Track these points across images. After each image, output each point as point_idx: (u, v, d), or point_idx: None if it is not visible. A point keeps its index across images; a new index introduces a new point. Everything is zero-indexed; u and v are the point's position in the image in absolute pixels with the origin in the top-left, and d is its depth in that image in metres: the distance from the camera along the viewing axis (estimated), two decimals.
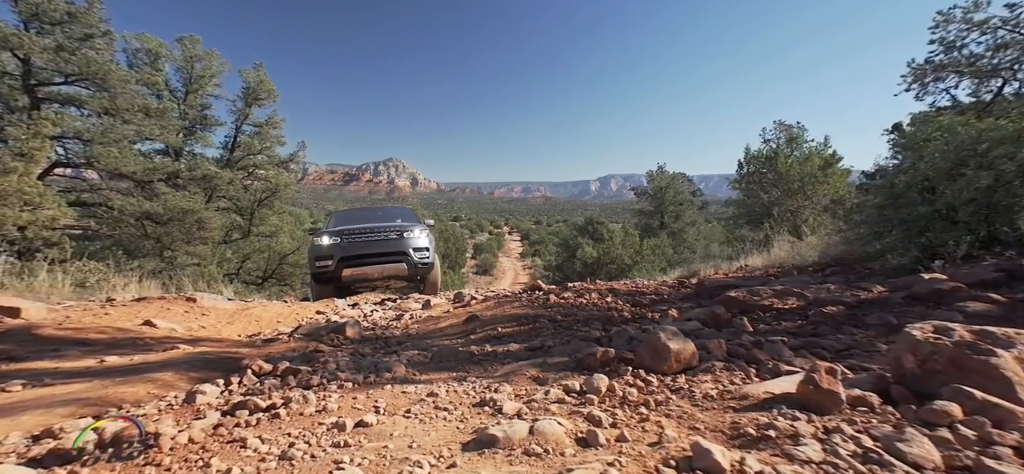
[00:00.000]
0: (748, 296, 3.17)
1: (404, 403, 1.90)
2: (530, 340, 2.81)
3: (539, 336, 2.91)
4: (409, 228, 8.24)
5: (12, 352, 3.09)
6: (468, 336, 3.22)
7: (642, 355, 2.18)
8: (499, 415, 1.72)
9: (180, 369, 2.56)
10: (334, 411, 1.83)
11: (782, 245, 6.31)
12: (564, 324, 3.16)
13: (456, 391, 1.98)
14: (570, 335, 2.82)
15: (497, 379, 2.11)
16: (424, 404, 1.86)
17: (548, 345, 2.62)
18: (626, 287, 5.05)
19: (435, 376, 2.25)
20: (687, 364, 2.14)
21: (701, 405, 1.73)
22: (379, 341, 3.56)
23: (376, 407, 1.85)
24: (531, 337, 2.90)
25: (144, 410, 1.91)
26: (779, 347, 2.25)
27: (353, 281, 8.17)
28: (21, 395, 2.18)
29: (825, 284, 3.42)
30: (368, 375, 2.29)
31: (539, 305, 3.92)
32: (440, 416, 1.75)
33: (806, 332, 2.57)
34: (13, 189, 7.13)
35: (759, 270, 5.38)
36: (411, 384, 2.12)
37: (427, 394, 1.97)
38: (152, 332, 4.31)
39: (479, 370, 2.33)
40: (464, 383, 2.08)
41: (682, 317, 2.92)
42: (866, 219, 4.49)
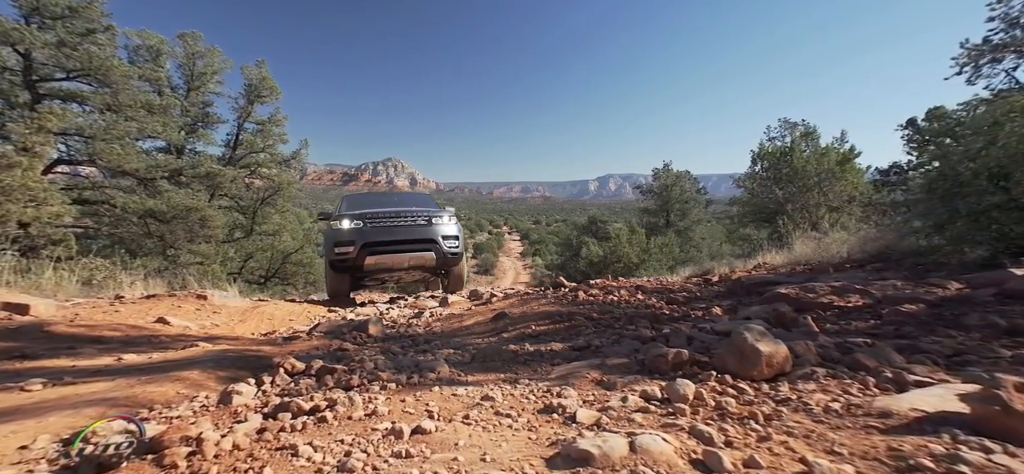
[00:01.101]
0: (801, 293, 2.95)
1: (458, 407, 1.74)
2: (571, 339, 2.66)
3: (580, 334, 2.76)
4: (438, 214, 7.47)
5: (26, 350, 2.95)
6: (500, 334, 3.08)
7: (724, 358, 1.96)
8: (574, 424, 1.55)
9: (206, 368, 2.42)
10: (385, 415, 1.67)
11: (807, 241, 6.11)
12: (603, 322, 3.01)
13: (512, 395, 1.82)
14: (616, 334, 2.66)
15: (553, 382, 1.93)
16: (481, 409, 1.70)
17: (594, 344, 2.46)
18: (652, 284, 4.90)
19: (482, 377, 2.09)
20: (780, 369, 1.91)
21: (827, 422, 1.50)
22: (406, 339, 3.41)
23: (429, 411, 1.70)
24: (571, 335, 2.75)
25: (178, 412, 1.76)
26: (886, 352, 2.01)
27: (375, 271, 7.43)
28: (43, 394, 2.04)
29: (887, 281, 3.22)
30: (411, 375, 2.13)
31: (568, 302, 3.77)
32: (504, 423, 1.58)
33: (889, 334, 2.35)
34: (17, 184, 6.98)
35: (784, 267, 5.23)
36: (459, 386, 1.96)
37: (481, 397, 1.81)
38: (166, 329, 4.18)
39: (528, 371, 2.16)
40: (518, 386, 1.91)
41: (739, 315, 2.72)
42: (923, 211, 4.24)
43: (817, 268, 4.31)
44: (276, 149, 21.07)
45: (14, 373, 2.50)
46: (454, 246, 7.22)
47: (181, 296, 6.06)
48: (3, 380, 2.33)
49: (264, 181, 20.58)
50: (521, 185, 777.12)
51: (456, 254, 7.26)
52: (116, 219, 13.94)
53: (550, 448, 1.42)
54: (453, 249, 7.21)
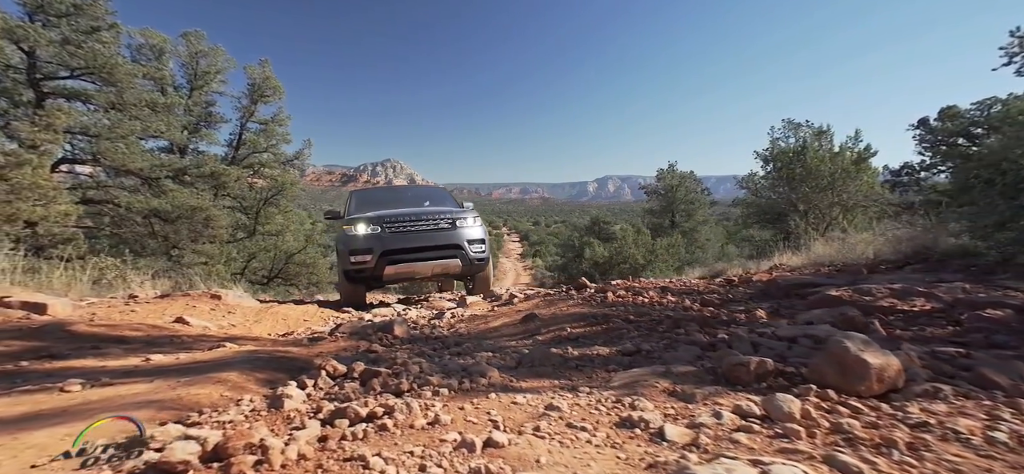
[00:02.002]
0: (856, 296, 2.80)
1: (522, 417, 1.63)
2: (615, 342, 2.57)
3: (622, 338, 2.67)
4: (461, 216, 6.87)
5: (52, 349, 2.88)
6: (534, 337, 3.00)
7: (820, 370, 1.75)
8: (665, 443, 1.41)
9: (243, 369, 2.35)
10: (449, 425, 1.57)
11: (829, 242, 6.02)
12: (642, 324, 2.93)
13: (579, 404, 1.70)
14: (664, 338, 2.55)
15: (618, 391, 1.80)
16: (549, 420, 1.58)
17: (644, 349, 2.35)
18: (676, 285, 4.84)
19: (535, 383, 1.98)
20: (891, 385, 1.69)
21: (1002, 458, 1.26)
22: (434, 341, 3.34)
23: (493, 421, 1.59)
24: (613, 339, 2.66)
25: (229, 416, 1.69)
26: (1017, 367, 1.79)
27: (396, 280, 6.93)
28: (85, 395, 1.97)
29: (948, 283, 3.09)
30: (461, 380, 2.03)
31: (597, 304, 3.69)
32: (581, 438, 1.47)
33: (980, 342, 2.16)
34: (27, 182, 6.90)
35: (806, 268, 5.17)
36: (515, 393, 1.86)
37: (545, 407, 1.69)
38: (187, 330, 4.11)
39: (583, 378, 2.04)
40: (580, 394, 1.80)
41: (796, 320, 2.59)
42: (984, 209, 4.10)
43: (845, 270, 4.24)
44: (279, 149, 20.99)
45: (46, 373, 2.44)
46: (481, 251, 6.73)
47: (195, 296, 5.99)
48: (39, 380, 2.27)
49: (267, 181, 20.51)
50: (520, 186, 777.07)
51: (483, 259, 6.77)
52: (120, 219, 13.86)
53: (648, 471, 1.30)
54: (479, 254, 6.71)
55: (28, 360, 2.69)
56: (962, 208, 4.62)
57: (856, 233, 6.05)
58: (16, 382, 2.26)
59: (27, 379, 2.32)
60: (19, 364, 2.62)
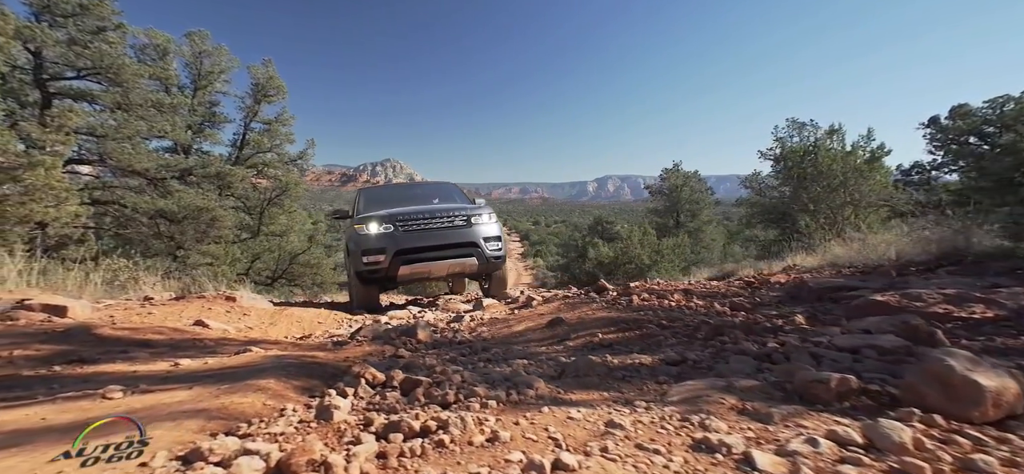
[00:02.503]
0: (904, 301, 2.67)
1: (583, 435, 1.54)
2: (654, 350, 2.50)
3: (661, 346, 2.60)
4: (477, 212, 6.68)
5: (82, 354, 2.87)
6: (564, 342, 2.97)
7: (919, 391, 1.57)
8: (756, 473, 1.30)
9: (279, 376, 2.34)
10: (508, 442, 1.51)
11: (849, 242, 5.98)
12: (677, 331, 2.86)
13: (641, 422, 1.61)
14: (709, 346, 2.46)
15: (679, 407, 1.70)
16: (614, 439, 1.48)
17: (690, 358, 2.27)
18: (699, 287, 4.82)
19: (584, 396, 1.90)
20: (1010, 410, 1.49)
21: None
22: (460, 346, 3.33)
23: (553, 439, 1.52)
24: (651, 346, 2.60)
25: (279, 427, 1.67)
26: None
27: (410, 281, 6.76)
28: (129, 403, 1.96)
29: (1005, 288, 2.82)
30: (508, 391, 1.96)
31: (624, 308, 3.66)
32: (656, 462, 1.36)
33: None
34: (41, 183, 6.89)
35: (826, 269, 5.16)
36: (568, 406, 1.77)
37: (604, 424, 1.60)
38: (207, 333, 4.10)
39: (634, 390, 1.95)
40: (636, 409, 1.71)
41: (851, 328, 2.46)
42: None
43: (872, 271, 4.21)
44: (283, 149, 20.99)
45: (82, 378, 2.43)
46: (497, 249, 6.53)
47: (210, 297, 5.99)
48: (77, 386, 2.26)
49: (270, 181, 20.51)
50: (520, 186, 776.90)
51: (499, 258, 6.60)
52: (125, 219, 13.85)
53: None
54: (496, 252, 6.52)
55: (60, 364, 2.68)
56: (1001, 208, 4.57)
57: (875, 233, 5.94)
58: (54, 387, 2.25)
59: (64, 385, 2.31)
60: (52, 368, 2.61)
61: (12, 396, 2.10)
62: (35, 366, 2.63)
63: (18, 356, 2.75)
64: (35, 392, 2.18)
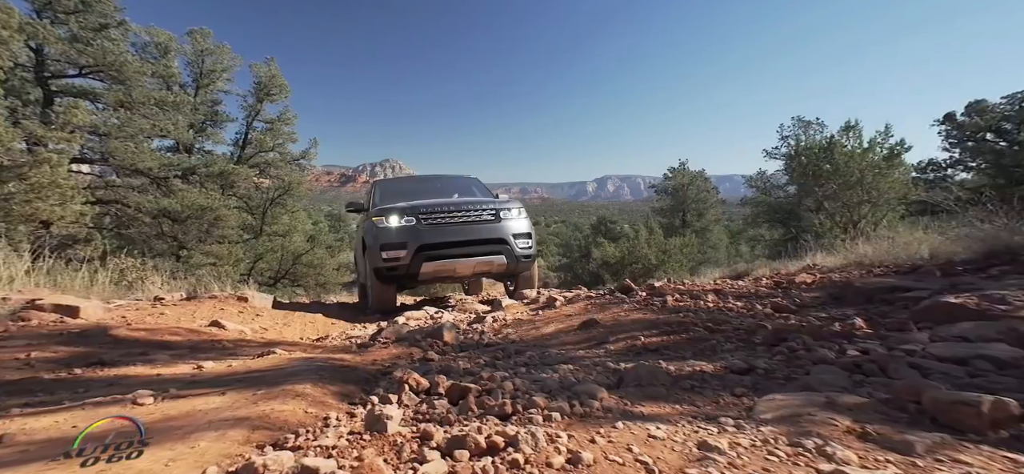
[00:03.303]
0: (987, 304, 2.44)
1: (676, 460, 1.33)
2: (711, 357, 2.33)
3: (716, 351, 2.44)
4: (506, 207, 6.16)
5: (102, 356, 2.76)
6: (603, 346, 2.82)
7: None
8: None
9: (313, 381, 2.22)
10: (592, 465, 1.33)
11: (878, 240, 5.81)
12: (731, 334, 2.70)
13: (740, 444, 1.38)
14: (777, 354, 2.22)
15: (780, 427, 1.45)
16: (715, 466, 1.27)
17: (760, 367, 2.06)
18: (728, 287, 4.68)
19: (657, 409, 1.71)
20: None
21: None
22: (491, 349, 3.19)
23: (642, 463, 1.32)
24: (704, 352, 2.45)
25: (328, 439, 1.54)
26: None
27: (433, 279, 6.27)
28: (163, 410, 1.85)
29: None
30: (571, 402, 1.77)
31: (659, 309, 3.51)
32: None
33: None
34: (47, 181, 6.76)
35: (852, 269, 5.02)
36: (643, 422, 1.58)
37: (697, 446, 1.39)
38: (224, 334, 3.99)
39: (708, 403, 1.74)
40: (725, 427, 1.50)
41: (941, 335, 2.23)
42: None
43: (906, 271, 4.09)
44: (285, 148, 20.85)
45: (106, 382, 2.31)
46: (527, 246, 6.04)
47: (222, 298, 5.88)
48: (102, 390, 2.14)
49: (273, 180, 20.38)
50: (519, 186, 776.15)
51: (529, 256, 6.10)
52: (127, 219, 13.71)
53: None
54: (526, 250, 6.03)
55: (80, 367, 2.56)
56: None
57: (904, 232, 5.72)
58: (79, 391, 2.14)
59: (89, 388, 2.20)
60: (73, 371, 2.49)
61: (37, 401, 1.99)
62: (55, 368, 2.52)
63: (36, 358, 2.64)
64: (60, 396, 2.06)
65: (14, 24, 7.44)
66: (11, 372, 2.38)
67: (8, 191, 6.22)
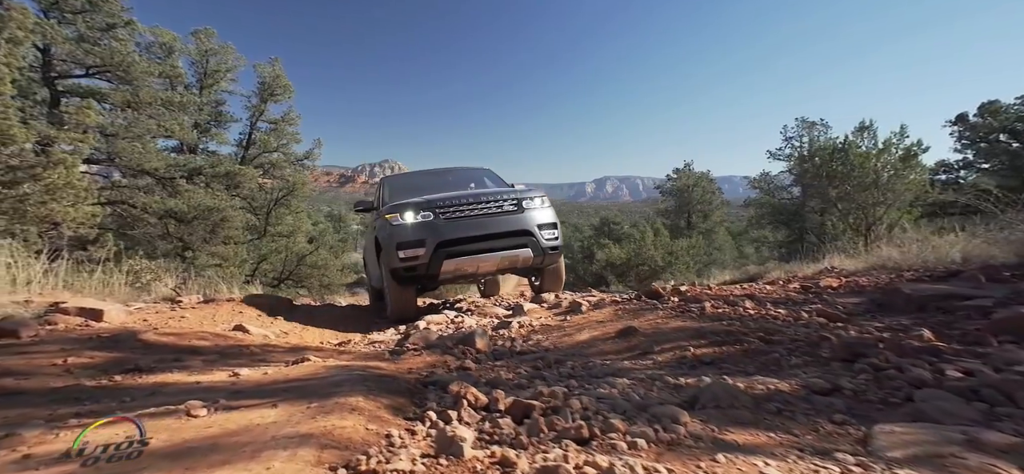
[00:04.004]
0: None
1: None
2: (781, 373, 2.18)
3: (782, 367, 2.29)
4: (528, 196, 5.76)
5: (137, 362, 2.71)
6: (649, 355, 2.70)
7: None
8: None
9: (363, 393, 2.17)
10: None
11: (903, 244, 5.70)
12: (790, 347, 2.53)
13: None
14: (862, 372, 2.05)
15: (917, 468, 1.30)
16: None
17: (845, 386, 1.90)
18: (761, 291, 4.60)
19: (752, 437, 1.58)
20: None
21: None
22: (528, 357, 3.12)
23: None
24: (768, 367, 2.30)
25: (400, 463, 1.44)
26: None
27: (454, 278, 5.95)
28: (219, 423, 1.80)
29: None
30: (655, 427, 1.64)
31: (697, 317, 3.38)
32: None
33: None
34: (62, 182, 6.70)
35: (881, 273, 4.96)
36: (750, 455, 1.44)
37: None
38: (250, 339, 3.94)
39: (808, 432, 1.60)
40: (848, 467, 1.34)
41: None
42: None
43: (940, 274, 4.03)
44: (289, 148, 20.80)
45: (148, 390, 2.27)
46: (553, 237, 5.65)
47: (237, 300, 5.86)
48: (145, 398, 2.10)
49: (277, 181, 20.33)
50: None
51: (556, 248, 5.70)
52: (132, 219, 13.65)
53: None
54: (552, 241, 5.63)
55: (120, 374, 2.52)
56: None
57: (940, 236, 5.52)
58: (126, 401, 2.10)
59: (135, 397, 2.15)
60: (113, 378, 2.45)
61: (86, 410, 1.94)
62: (95, 376, 2.47)
63: (74, 364, 2.60)
64: (108, 405, 2.02)
65: (29, 24, 7.40)
66: (54, 378, 2.34)
67: (23, 192, 6.18)
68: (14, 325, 3.05)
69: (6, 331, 2.98)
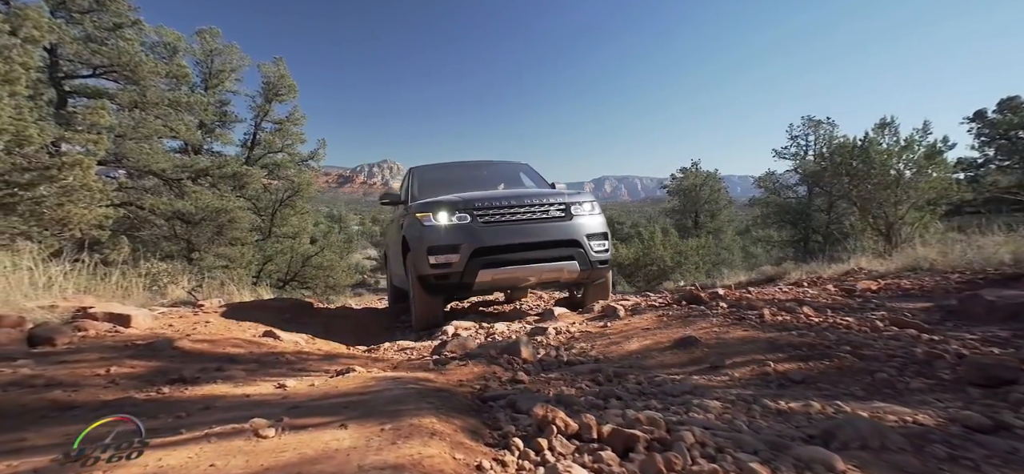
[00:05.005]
0: None
1: None
2: (904, 400, 1.97)
3: (903, 394, 2.03)
4: (577, 200, 5.18)
5: (181, 372, 2.59)
6: (720, 371, 2.47)
7: None
8: None
9: (433, 413, 2.04)
10: None
11: (949, 244, 5.50)
12: (893, 364, 2.29)
13: None
14: (1020, 404, 1.80)
15: None
16: None
17: (1015, 425, 1.65)
18: (807, 296, 4.44)
19: None
20: None
21: None
22: (579, 369, 2.98)
23: None
24: (878, 390, 2.06)
25: None
26: None
27: (490, 290, 5.46)
28: (296, 447, 1.67)
29: None
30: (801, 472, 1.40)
31: (758, 325, 3.17)
32: None
33: None
34: (78, 184, 6.58)
35: (925, 276, 4.82)
36: None
37: None
38: (282, 346, 3.83)
39: None
40: None
41: None
42: None
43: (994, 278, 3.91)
44: (294, 148, 20.68)
45: (199, 403, 2.15)
46: (602, 249, 5.07)
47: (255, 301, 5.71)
48: (201, 413, 1.99)
49: (281, 181, 20.21)
50: None
51: (605, 262, 5.14)
52: (139, 220, 13.52)
53: None
54: (602, 254, 5.05)
55: (166, 385, 2.41)
56: None
57: (984, 236, 5.32)
58: (181, 416, 1.98)
59: (189, 413, 2.04)
60: (161, 390, 2.34)
61: (146, 428, 1.83)
62: (141, 387, 2.36)
63: (116, 374, 2.48)
64: (165, 422, 1.91)
65: (45, 24, 7.27)
66: (102, 390, 2.22)
67: (40, 194, 6.05)
68: (49, 332, 2.94)
69: (42, 338, 2.87)
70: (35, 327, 3.06)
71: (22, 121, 5.58)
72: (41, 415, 1.88)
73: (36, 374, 2.28)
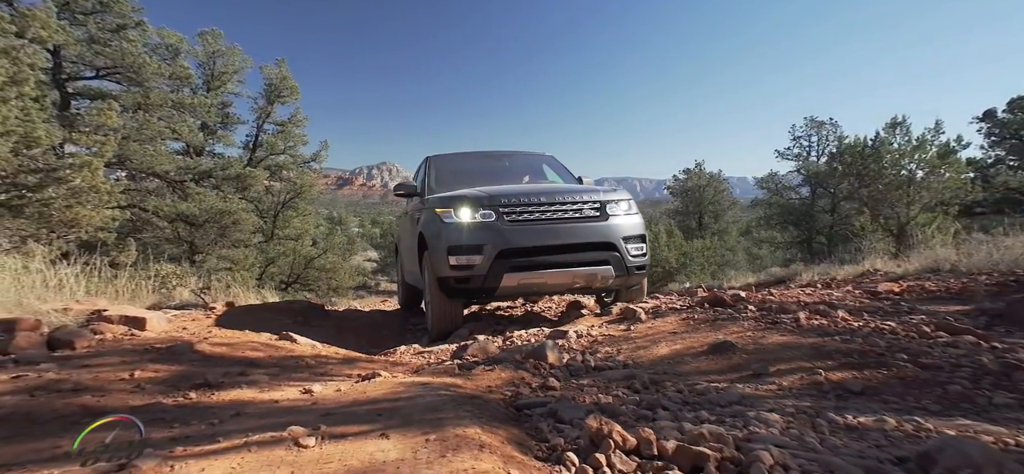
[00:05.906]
0: None
1: None
2: (989, 417, 1.84)
3: (986, 410, 1.89)
4: (613, 200, 4.72)
5: (205, 376, 2.52)
6: (765, 379, 2.43)
7: None
8: None
9: (477, 424, 1.96)
10: None
11: (974, 246, 5.42)
12: (961, 374, 2.17)
13: None
14: None
15: None
16: None
17: None
18: (838, 299, 4.35)
19: None
20: None
21: None
22: (611, 375, 2.90)
23: None
24: (955, 404, 1.94)
25: None
26: None
27: (514, 296, 5.03)
28: (341, 458, 1.59)
29: None
30: None
31: (794, 330, 3.06)
32: None
33: None
34: (87, 185, 6.50)
35: (950, 278, 4.75)
36: None
37: None
38: (300, 349, 3.76)
39: None
40: None
41: None
42: None
43: None
44: (297, 150, 20.61)
45: (229, 409, 2.08)
46: (640, 252, 4.66)
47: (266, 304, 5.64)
48: (235, 420, 1.92)
49: (283, 183, 20.14)
50: None
51: (642, 266, 4.73)
52: (142, 222, 13.43)
53: None
54: (639, 258, 4.65)
55: (193, 391, 2.34)
56: None
57: (1011, 236, 5.21)
58: (214, 423, 1.91)
59: (221, 419, 1.97)
60: (188, 396, 2.27)
61: (180, 436, 1.76)
62: (168, 392, 2.29)
63: (141, 378, 2.41)
64: (199, 428, 1.84)
65: (52, 25, 7.20)
66: (129, 396, 2.16)
67: (48, 196, 5.97)
68: (69, 336, 2.87)
69: (62, 342, 2.80)
70: (54, 330, 2.99)
71: (30, 122, 5.51)
72: (73, 422, 1.82)
73: (61, 378, 2.21)
